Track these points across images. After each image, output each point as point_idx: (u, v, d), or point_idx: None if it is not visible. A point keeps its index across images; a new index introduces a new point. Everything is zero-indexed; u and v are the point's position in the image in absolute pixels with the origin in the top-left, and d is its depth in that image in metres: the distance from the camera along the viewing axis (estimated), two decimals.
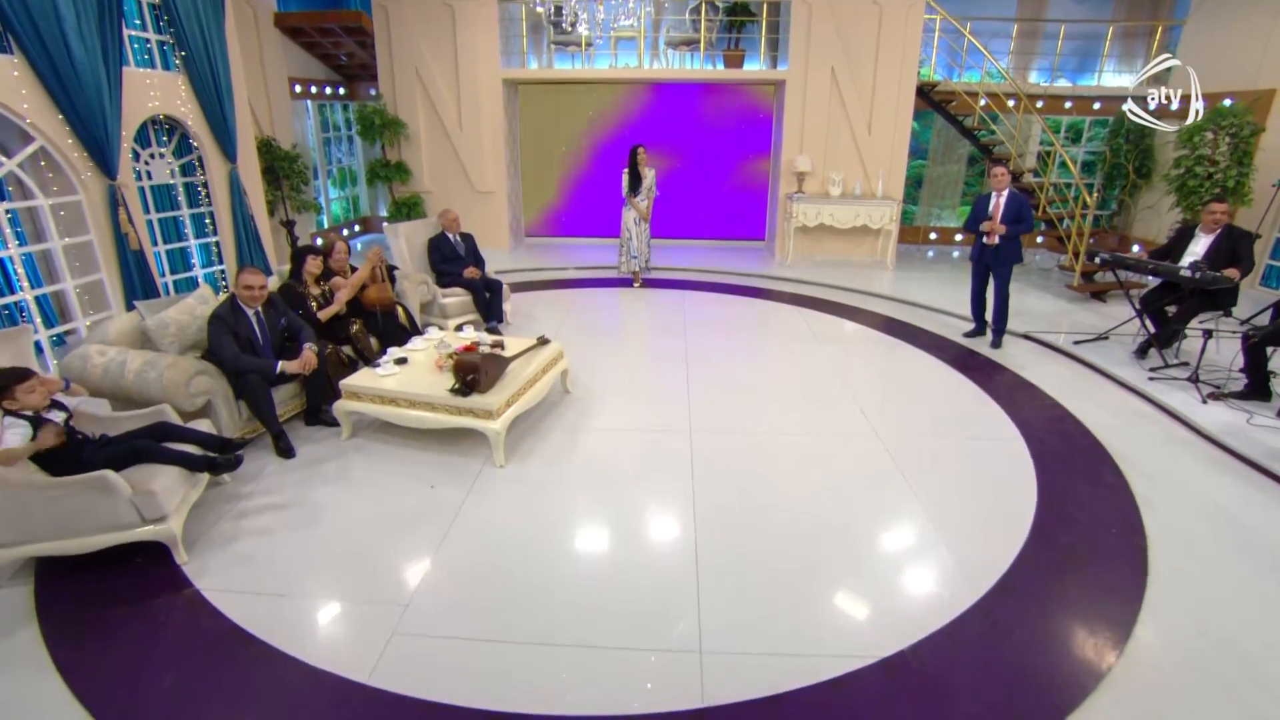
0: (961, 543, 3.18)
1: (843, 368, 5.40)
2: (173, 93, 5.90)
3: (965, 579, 2.92)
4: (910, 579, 2.95)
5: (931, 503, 3.50)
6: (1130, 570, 3.01)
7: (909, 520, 3.36)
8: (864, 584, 2.90)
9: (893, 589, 2.89)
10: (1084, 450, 4.12)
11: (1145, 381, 5.04)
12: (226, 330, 3.67)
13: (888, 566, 3.04)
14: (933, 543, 3.18)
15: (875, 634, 2.61)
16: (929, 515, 3.39)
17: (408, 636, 2.54)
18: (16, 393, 2.80)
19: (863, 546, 3.17)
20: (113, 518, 2.77)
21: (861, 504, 3.51)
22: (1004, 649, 2.55)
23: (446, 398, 3.75)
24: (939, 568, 3.00)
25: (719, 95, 9.51)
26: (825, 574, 2.97)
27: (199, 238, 6.58)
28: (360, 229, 10.33)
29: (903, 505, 3.49)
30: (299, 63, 8.57)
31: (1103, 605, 2.79)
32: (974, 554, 3.10)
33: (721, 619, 2.66)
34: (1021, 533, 3.29)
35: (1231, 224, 5.29)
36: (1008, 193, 5.69)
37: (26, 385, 2.80)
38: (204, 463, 3.08)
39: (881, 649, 2.53)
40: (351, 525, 3.25)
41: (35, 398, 2.83)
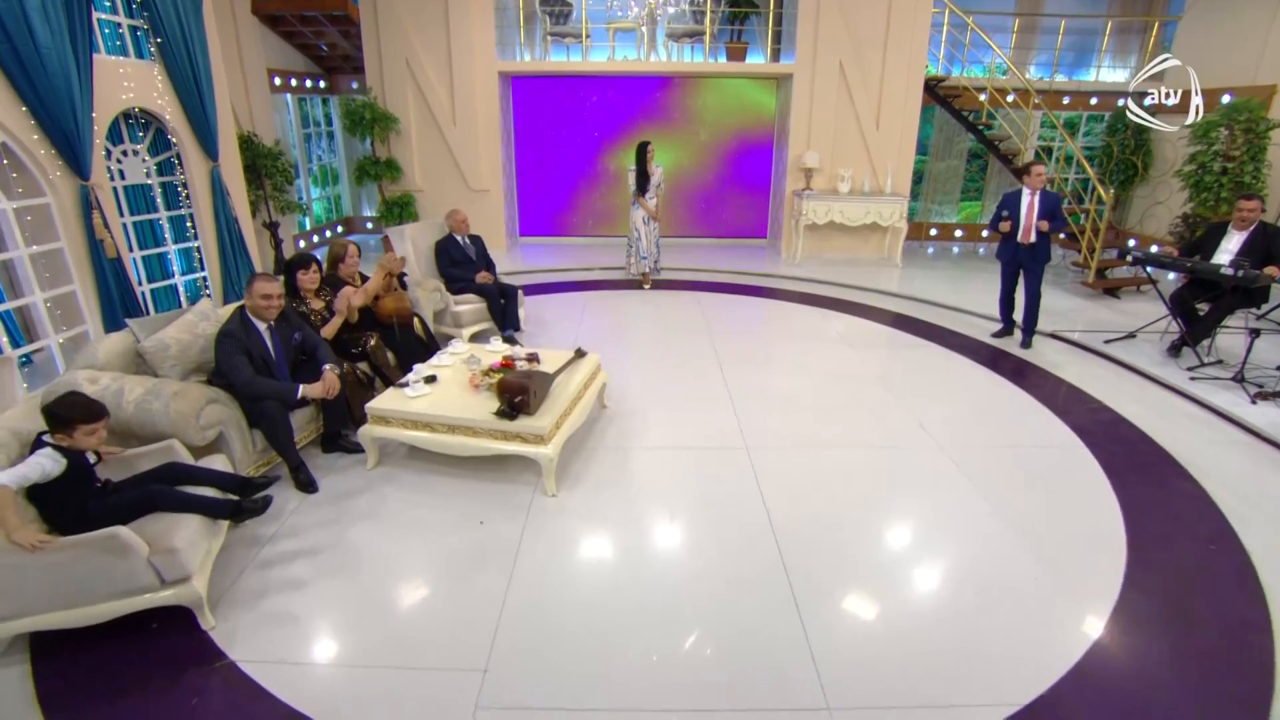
0: (1063, 566, 2.97)
1: (881, 373, 5.19)
2: (148, 83, 5.35)
3: (1080, 607, 2.71)
4: (1026, 610, 2.72)
5: (1019, 521, 3.29)
6: (1243, 589, 2.84)
7: (1004, 545, 3.13)
8: (978, 618, 2.66)
9: (1009, 622, 2.65)
10: (1149, 456, 3.98)
11: (1187, 382, 4.95)
12: (239, 349, 3.23)
13: (999, 597, 2.80)
14: (1034, 569, 2.96)
15: (1009, 677, 2.37)
16: (1021, 536, 3.17)
17: (496, 711, 2.20)
18: (77, 433, 2.41)
19: (964, 575, 2.93)
20: (127, 581, 2.35)
21: (949, 528, 3.28)
22: (1148, 686, 2.34)
23: (491, 421, 3.39)
24: (1049, 596, 2.79)
25: (721, 89, 9.24)
26: (932, 606, 2.73)
27: (178, 242, 6.03)
28: (343, 230, 9.77)
29: (992, 528, 3.26)
30: (277, 53, 8.00)
31: (1232, 631, 2.61)
32: (1079, 578, 2.89)
33: (838, 667, 2.39)
34: (1119, 551, 3.10)
35: (1265, 221, 5.25)
36: (1041, 191, 5.55)
37: (92, 427, 2.45)
38: (228, 508, 2.68)
39: (1020, 694, 2.29)
40: (399, 573, 2.88)
41: (93, 440, 2.48)
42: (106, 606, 2.37)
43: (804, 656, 2.45)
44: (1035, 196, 5.55)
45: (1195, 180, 6.68)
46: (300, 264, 3.99)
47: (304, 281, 3.97)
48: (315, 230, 8.97)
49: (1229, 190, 6.56)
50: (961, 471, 3.75)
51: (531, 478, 3.60)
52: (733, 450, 3.94)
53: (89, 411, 2.47)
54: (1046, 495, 3.56)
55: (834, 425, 4.31)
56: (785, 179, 8.80)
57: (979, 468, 3.78)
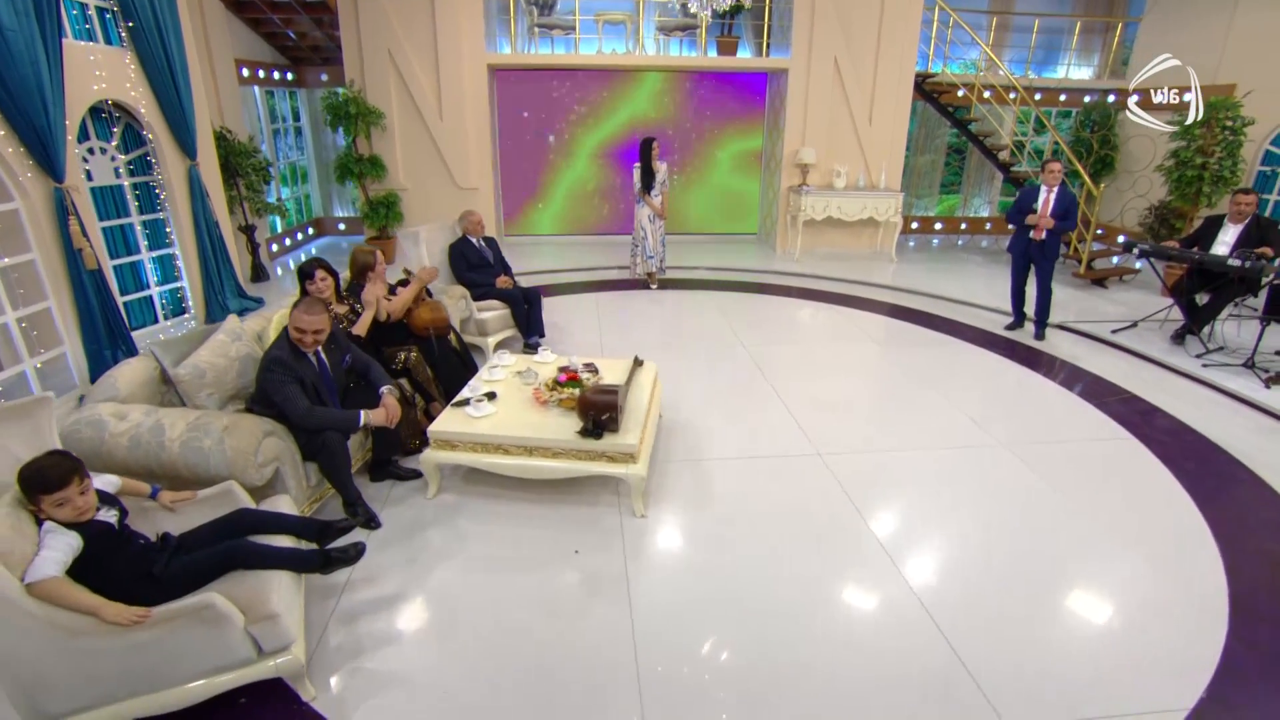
0: (1167, 562, 3.00)
1: (916, 370, 5.19)
2: (120, 73, 4.81)
3: (1199, 602, 2.72)
4: (1155, 611, 2.71)
5: (1108, 521, 3.31)
6: None
7: (1104, 545, 3.14)
8: (1113, 621, 2.64)
9: (1145, 624, 2.63)
10: (1197, 446, 4.09)
11: (1200, 369, 5.16)
12: (290, 378, 2.87)
13: (1123, 598, 2.79)
14: (1142, 568, 2.97)
15: (1168, 680, 2.35)
16: (1114, 535, 3.19)
17: None
18: (43, 504, 1.98)
19: (1078, 577, 2.91)
20: (222, 656, 2.02)
21: (1045, 530, 3.26)
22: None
23: (575, 441, 3.15)
24: (1168, 594, 2.79)
25: (709, 83, 9.12)
26: (1062, 613, 2.69)
27: (154, 250, 5.46)
28: (314, 232, 9.14)
29: (1085, 529, 3.27)
30: (242, 42, 7.36)
31: None
32: (1188, 575, 2.92)
33: (996, 679, 2.30)
34: (1208, 543, 3.15)
35: (1259, 214, 5.52)
36: (1059, 187, 5.68)
37: (56, 498, 1.95)
38: (317, 560, 2.35)
39: (1186, 699, 2.27)
40: (506, 617, 2.61)
41: (65, 512, 1.98)
42: (196, 688, 2.03)
43: (954, 665, 2.35)
44: (1052, 193, 5.68)
45: (1177, 175, 7.00)
46: (304, 274, 3.62)
47: (321, 287, 3.60)
48: (286, 233, 8.34)
49: (1209, 184, 6.91)
50: (1032, 470, 3.76)
51: (609, 498, 3.39)
52: (805, 458, 3.83)
53: (45, 480, 1.94)
54: (1122, 491, 3.60)
55: (893, 426, 4.26)
56: (778, 174, 8.77)
57: (1046, 465, 3.80)
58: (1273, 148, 7.44)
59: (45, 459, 2.01)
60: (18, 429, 2.16)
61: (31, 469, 1.97)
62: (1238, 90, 7.56)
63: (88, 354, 4.44)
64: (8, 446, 2.13)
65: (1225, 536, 3.19)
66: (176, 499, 2.47)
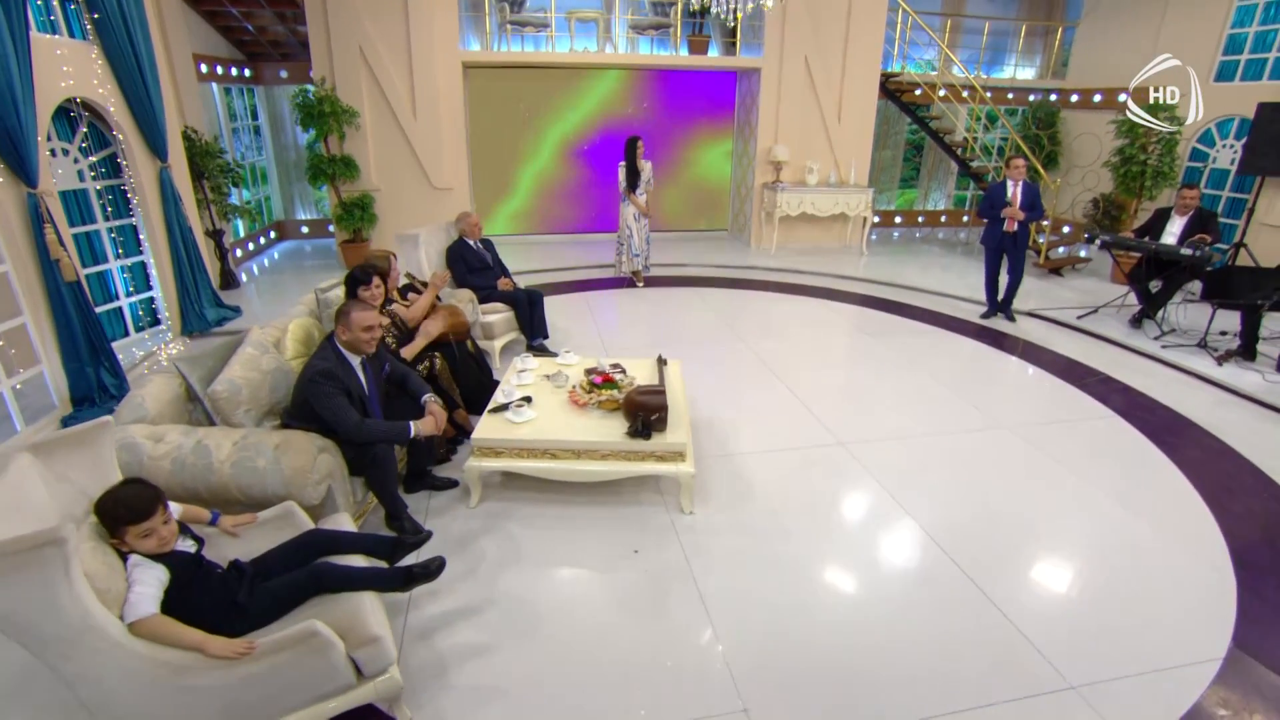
0: (1169, 525, 3.28)
1: (910, 359, 5.42)
2: (87, 69, 4.49)
3: (1207, 563, 2.99)
4: (1172, 571, 2.95)
5: (1114, 492, 3.57)
6: None
7: (1117, 515, 3.39)
8: (1144, 584, 2.86)
9: (1167, 584, 2.87)
10: (1171, 420, 4.45)
11: (1160, 350, 5.60)
12: (339, 390, 2.77)
13: (1145, 562, 3.02)
14: (1149, 535, 3.23)
15: (1198, 634, 2.57)
16: (1124, 506, 3.45)
17: None
18: (128, 535, 1.87)
19: (1105, 546, 3.14)
20: (324, 683, 1.95)
21: (1066, 505, 3.49)
22: None
23: (624, 442, 3.17)
24: (1179, 556, 3.05)
25: (681, 82, 9.20)
26: (1100, 580, 2.89)
27: (122, 257, 5.12)
28: (276, 236, 8.72)
29: (1096, 502, 3.52)
30: (198, 36, 6.95)
31: None
32: (1190, 536, 3.20)
33: (1057, 647, 2.48)
34: (1200, 506, 3.46)
35: (1201, 206, 6.02)
36: (1023, 182, 6.04)
37: (142, 529, 1.86)
38: (400, 578, 2.29)
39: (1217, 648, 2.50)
40: (583, 621, 2.62)
41: (150, 543, 1.89)
42: (302, 717, 1.95)
43: (1012, 632, 2.52)
44: (1018, 187, 6.04)
45: (1123, 171, 7.55)
46: (359, 279, 3.49)
47: (373, 294, 3.48)
48: (249, 237, 7.93)
49: (1150, 179, 7.47)
50: (1039, 449, 4.01)
51: (652, 496, 3.43)
52: (830, 447, 3.97)
53: (131, 510, 1.87)
54: (1119, 464, 3.89)
55: (904, 414, 4.44)
56: (751, 171, 8.94)
57: (1050, 445, 4.06)
58: (1200, 145, 8.10)
59: (125, 488, 1.89)
60: (80, 458, 2.02)
61: (114, 499, 1.85)
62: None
63: (68, 372, 4.14)
64: (70, 477, 1.99)
65: (1214, 500, 3.51)
66: (239, 523, 2.35)
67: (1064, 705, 2.26)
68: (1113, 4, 8.96)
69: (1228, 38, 7.76)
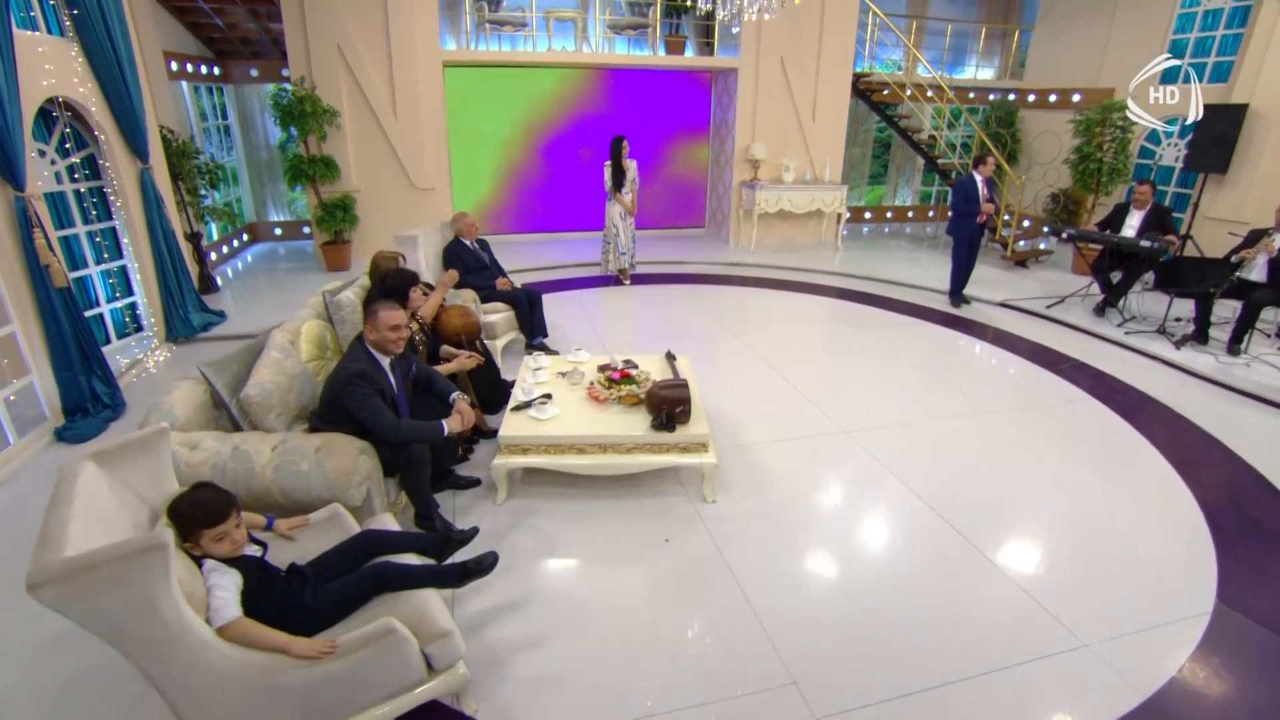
0: (1150, 496, 3.55)
1: (895, 349, 5.66)
2: (67, 67, 4.35)
3: (1188, 528, 3.26)
4: (1160, 532, 3.21)
5: (1098, 470, 3.84)
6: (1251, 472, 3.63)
7: (1103, 487, 3.65)
8: (1138, 547, 3.10)
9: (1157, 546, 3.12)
10: (1140, 401, 4.78)
11: (1124, 336, 5.98)
12: (374, 391, 2.79)
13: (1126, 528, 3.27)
14: (1130, 504, 3.50)
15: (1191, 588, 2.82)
16: (1109, 481, 3.72)
17: (841, 715, 2.20)
18: (203, 539, 1.89)
19: (1090, 513, 3.38)
20: (399, 680, 1.98)
21: (1048, 478, 3.74)
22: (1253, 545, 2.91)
23: (649, 435, 3.27)
24: (1161, 521, 3.32)
25: (658, 81, 9.30)
26: (1101, 544, 3.12)
27: (101, 263, 4.97)
28: (249, 239, 8.49)
29: (1081, 478, 3.77)
30: (166, 32, 6.72)
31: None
32: (1166, 504, 3.49)
33: (1063, 605, 2.68)
34: (1174, 478, 3.75)
35: (1157, 201, 6.44)
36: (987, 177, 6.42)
37: (217, 532, 1.88)
38: (456, 574, 2.34)
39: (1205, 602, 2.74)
40: (628, 608, 2.71)
41: (223, 547, 1.91)
42: (369, 716, 1.97)
43: (1028, 601, 2.72)
44: (985, 183, 6.40)
45: (1081, 168, 7.98)
46: (398, 288, 3.48)
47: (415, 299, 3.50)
48: (223, 240, 7.71)
49: (1106, 175, 7.92)
50: (1025, 432, 4.26)
51: (673, 487, 3.54)
52: (834, 435, 4.14)
53: (207, 513, 1.87)
54: (1098, 443, 4.17)
55: (897, 402, 4.65)
56: (729, 170, 9.11)
57: (1034, 427, 4.32)
58: (1148, 144, 8.62)
59: (200, 492, 1.90)
60: (141, 465, 2.01)
61: (190, 502, 1.86)
62: (1117, 93, 8.67)
63: (59, 381, 4.00)
64: (130, 484, 1.98)
65: (1185, 471, 3.82)
66: (293, 526, 2.37)
67: (1080, 662, 2.45)
68: (1065, 9, 9.43)
69: (1171, 43, 8.27)
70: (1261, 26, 6.99)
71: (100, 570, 1.46)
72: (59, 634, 2.52)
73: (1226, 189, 7.34)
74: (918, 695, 2.29)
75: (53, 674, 2.35)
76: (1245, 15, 7.41)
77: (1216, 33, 7.77)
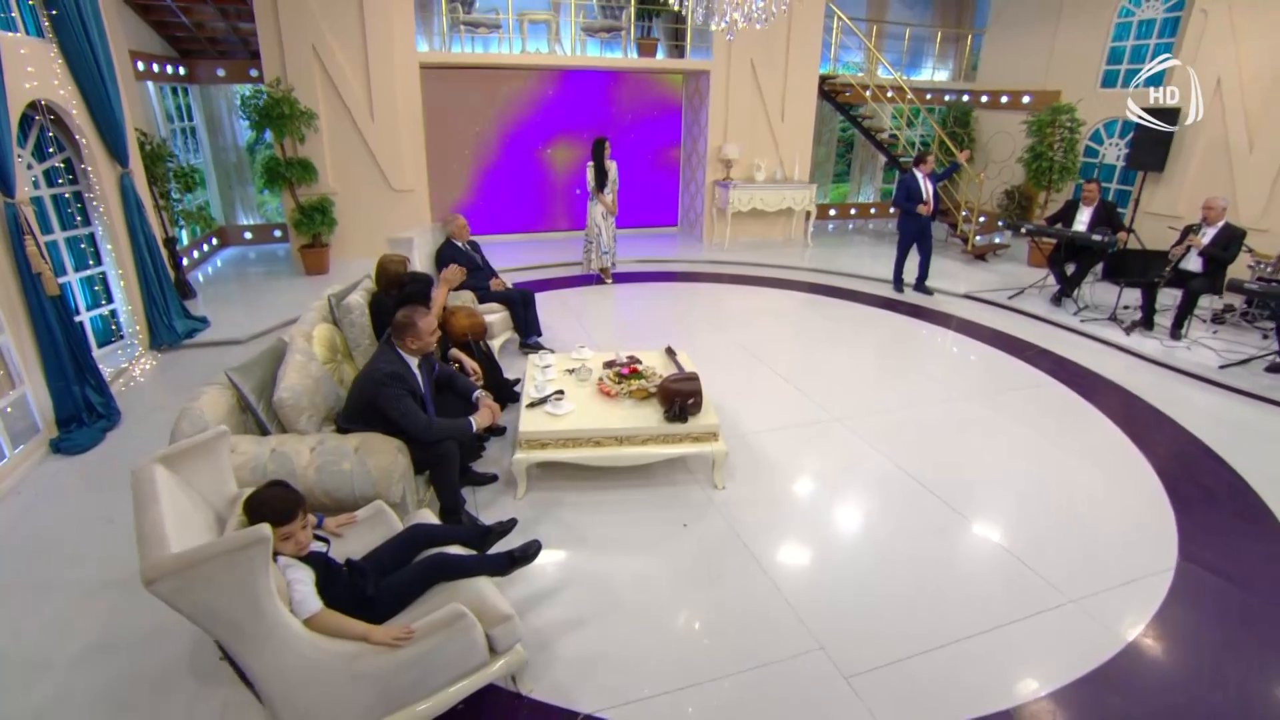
0: (1114, 467, 3.90)
1: (873, 341, 5.98)
2: (48, 70, 4.27)
3: (1147, 495, 3.61)
4: (1118, 502, 3.55)
5: (1067, 446, 4.19)
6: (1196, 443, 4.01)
7: (1071, 462, 3.99)
8: (1105, 511, 3.43)
9: (1124, 512, 3.45)
10: (1098, 383, 5.18)
11: (1080, 324, 6.43)
12: (407, 392, 2.88)
13: (1097, 495, 3.60)
14: (1098, 477, 3.84)
15: (1153, 548, 3.14)
16: (1078, 457, 4.06)
17: (868, 675, 2.41)
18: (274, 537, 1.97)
19: (1065, 482, 3.70)
20: (463, 662, 2.09)
21: (1025, 454, 4.06)
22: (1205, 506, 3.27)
23: (663, 427, 3.43)
24: (1126, 488, 3.66)
25: (630, 83, 9.45)
26: (1070, 509, 3.44)
27: (80, 269, 4.86)
28: (218, 243, 8.28)
29: (1051, 451, 4.11)
30: (131, 31, 6.53)
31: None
32: (1127, 473, 3.85)
33: (1044, 563, 2.97)
34: (1134, 451, 4.12)
35: (1104, 198, 6.93)
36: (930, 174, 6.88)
37: (285, 531, 1.96)
38: (504, 562, 2.46)
39: (1168, 560, 3.07)
40: (658, 590, 2.87)
41: (290, 545, 1.99)
42: (438, 700, 2.08)
43: (1014, 561, 3.00)
44: (929, 180, 6.83)
45: (1034, 166, 8.49)
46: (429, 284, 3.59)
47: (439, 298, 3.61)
48: (193, 244, 7.52)
49: (1057, 173, 8.45)
50: (999, 413, 4.59)
51: (683, 476, 3.71)
52: (827, 423, 4.38)
53: (278, 512, 1.95)
54: (1065, 422, 4.53)
55: (881, 390, 4.94)
56: (701, 169, 9.32)
57: (1008, 409, 4.66)
58: (1091, 143, 9.20)
59: (271, 491, 1.98)
60: (205, 467, 2.07)
61: (262, 500, 1.94)
62: (1063, 95, 9.23)
63: (53, 392, 3.92)
64: (195, 485, 2.03)
65: (1142, 444, 4.20)
66: (341, 523, 2.45)
67: (1071, 619, 2.73)
68: (1014, 15, 9.97)
69: (1109, 50, 8.85)
70: (1190, 36, 7.57)
71: (209, 564, 1.54)
72: (95, 643, 2.54)
73: (1164, 186, 7.92)
74: (933, 652, 2.53)
75: (98, 683, 2.37)
76: (1175, 25, 8.00)
77: (1150, 41, 8.35)
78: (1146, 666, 2.53)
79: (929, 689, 2.38)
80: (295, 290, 6.86)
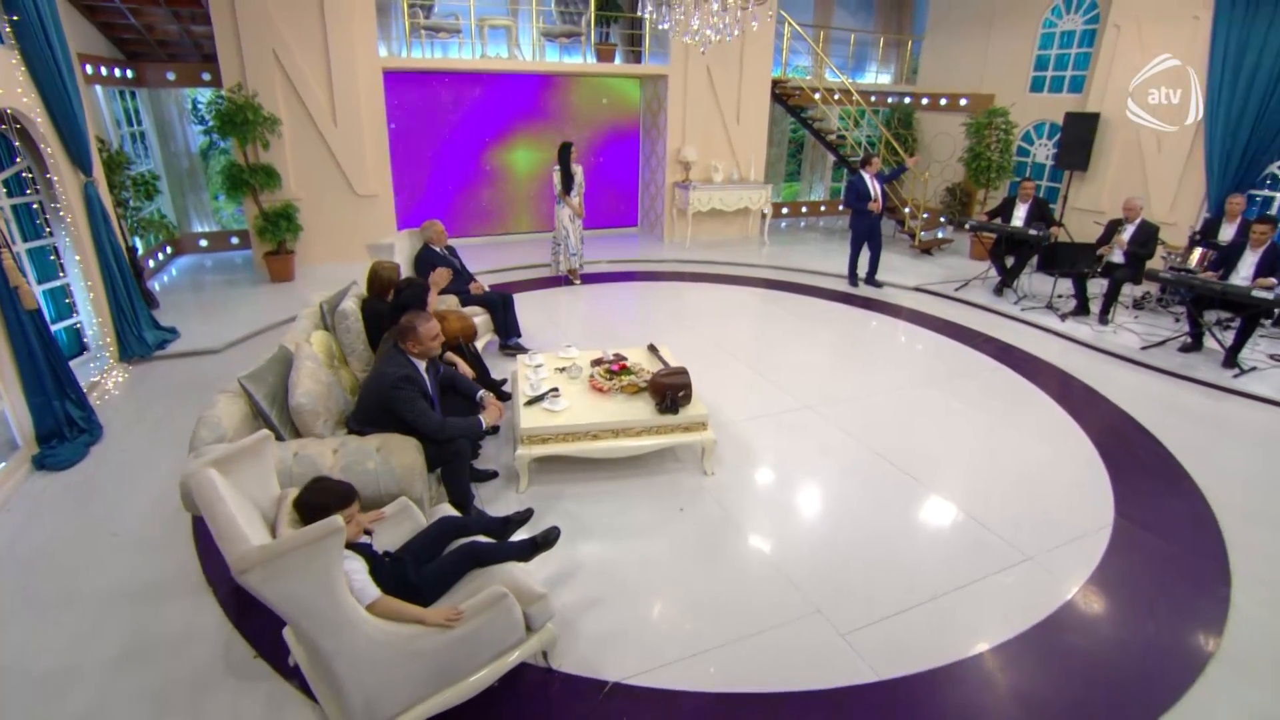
0: (1057, 441, 4.35)
1: (835, 333, 6.37)
2: (9, 76, 4.16)
3: (1085, 464, 4.06)
4: (1064, 469, 3.98)
5: (1015, 423, 4.63)
6: (1119, 412, 4.51)
7: (1018, 438, 4.42)
8: (1053, 475, 3.84)
9: (1064, 478, 3.88)
10: (1040, 366, 5.69)
11: (1021, 312, 6.98)
12: (419, 393, 3.01)
13: (1049, 465, 4.02)
14: (1042, 446, 4.28)
15: (1096, 504, 3.56)
16: (1022, 433, 4.50)
17: (863, 631, 2.70)
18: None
19: (1016, 457, 4.11)
20: (504, 640, 2.27)
21: (981, 433, 4.47)
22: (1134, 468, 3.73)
23: (654, 419, 3.66)
24: (1068, 460, 4.10)
25: (590, 87, 9.61)
26: (1019, 478, 3.84)
27: (44, 281, 4.75)
28: (173, 251, 8.04)
29: (1003, 430, 4.55)
30: (77, 33, 6.29)
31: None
32: (1066, 441, 4.31)
33: (1011, 532, 3.34)
34: (1074, 426, 4.59)
35: (1037, 195, 7.52)
36: (877, 174, 7.34)
37: (347, 513, 2.13)
38: (528, 548, 2.64)
39: (1106, 515, 3.50)
40: (665, 570, 3.10)
41: (352, 528, 2.16)
42: (483, 675, 2.25)
43: (974, 524, 3.37)
44: (875, 180, 7.29)
45: (974, 165, 9.10)
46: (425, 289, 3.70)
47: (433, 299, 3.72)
48: (148, 253, 7.29)
49: (994, 172, 9.07)
50: (953, 396, 5.02)
51: (673, 464, 3.95)
52: (800, 411, 4.70)
53: (340, 497, 2.17)
54: (1014, 403, 4.98)
55: (845, 380, 5.29)
56: (661, 171, 9.58)
57: (963, 395, 5.08)
58: (1023, 143, 9.90)
59: (324, 481, 2.12)
60: (252, 470, 2.17)
61: (321, 488, 2.08)
62: (997, 99, 9.89)
63: (32, 408, 3.85)
64: (244, 487, 2.14)
65: (1079, 417, 4.69)
66: (370, 519, 2.57)
67: (1029, 572, 3.10)
68: (950, 22, 10.60)
69: (1036, 57, 9.55)
70: (1106, 47, 8.27)
71: (293, 554, 1.68)
72: (124, 651, 2.59)
73: (1089, 184, 8.63)
74: (916, 608, 2.84)
75: (135, 688, 2.43)
76: (1093, 37, 8.71)
77: (1071, 50, 9.06)
78: (1094, 608, 2.91)
79: (915, 640, 2.69)
80: (261, 297, 6.77)
